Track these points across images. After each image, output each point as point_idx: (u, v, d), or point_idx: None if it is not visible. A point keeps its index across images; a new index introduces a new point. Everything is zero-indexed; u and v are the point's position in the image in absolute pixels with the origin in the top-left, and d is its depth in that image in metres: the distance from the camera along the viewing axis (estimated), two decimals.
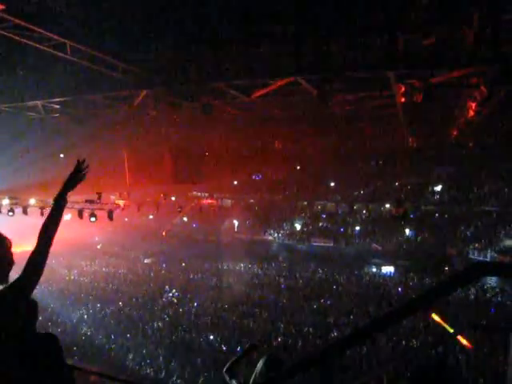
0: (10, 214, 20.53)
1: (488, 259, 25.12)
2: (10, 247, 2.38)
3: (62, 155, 24.62)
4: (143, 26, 10.68)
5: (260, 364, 3.81)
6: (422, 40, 11.11)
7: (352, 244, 31.98)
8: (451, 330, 19.26)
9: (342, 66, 11.91)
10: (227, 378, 4.04)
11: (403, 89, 13.05)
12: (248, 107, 18.31)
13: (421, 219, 30.57)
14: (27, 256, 2.31)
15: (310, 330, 17.37)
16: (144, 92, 15.49)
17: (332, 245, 32.10)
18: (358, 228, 33.06)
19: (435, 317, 21.91)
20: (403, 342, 14.84)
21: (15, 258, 2.39)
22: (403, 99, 13.62)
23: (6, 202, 20.76)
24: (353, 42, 11.50)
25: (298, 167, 35.18)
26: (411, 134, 22.47)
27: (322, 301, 21.86)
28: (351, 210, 31.95)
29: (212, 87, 14.56)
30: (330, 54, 11.75)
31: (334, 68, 12.09)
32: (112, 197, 26.85)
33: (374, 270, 28.97)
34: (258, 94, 15.10)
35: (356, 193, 34.03)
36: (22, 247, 5.10)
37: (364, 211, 33.48)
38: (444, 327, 20.09)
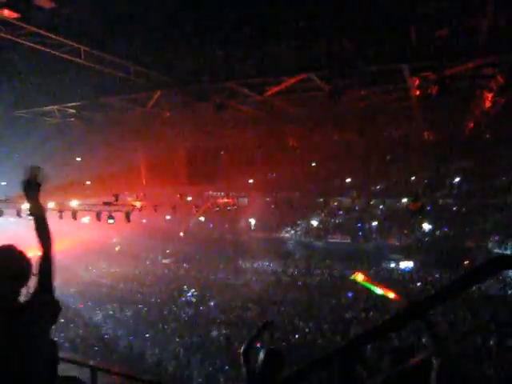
0: (30, 218, 20.78)
1: (508, 252, 24.73)
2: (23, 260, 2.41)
3: (78, 158, 24.90)
4: (155, 29, 10.74)
5: (261, 355, 3.86)
6: (434, 31, 10.96)
7: (369, 240, 31.76)
8: (377, 291, 18.22)
9: (354, 60, 11.81)
10: (242, 361, 4.08)
11: (418, 82, 12.90)
12: (262, 105, 18.27)
13: (438, 213, 30.21)
14: None
15: (329, 326, 17.31)
16: (158, 93, 15.59)
17: (349, 241, 31.93)
18: (374, 223, 32.80)
19: (358, 276, 20.72)
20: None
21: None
22: (418, 92, 13.46)
23: (25, 206, 21.06)
24: (365, 36, 11.38)
25: (314, 164, 34.98)
26: (426, 127, 22.17)
27: (340, 297, 21.78)
28: (367, 206, 31.72)
29: (224, 86, 14.56)
30: (342, 50, 11.67)
31: (346, 63, 12.00)
32: (129, 198, 27.03)
33: (393, 265, 28.75)
34: (270, 92, 15.05)
35: (372, 188, 33.75)
36: None
37: (381, 206, 33.19)
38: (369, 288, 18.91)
